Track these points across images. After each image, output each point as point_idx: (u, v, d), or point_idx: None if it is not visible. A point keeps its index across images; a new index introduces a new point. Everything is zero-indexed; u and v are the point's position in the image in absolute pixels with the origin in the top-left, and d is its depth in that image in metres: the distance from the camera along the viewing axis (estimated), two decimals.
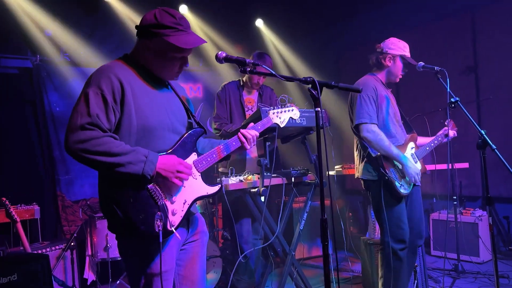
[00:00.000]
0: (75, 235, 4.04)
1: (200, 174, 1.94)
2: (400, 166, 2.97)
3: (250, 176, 3.20)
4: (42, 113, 5.09)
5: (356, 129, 3.01)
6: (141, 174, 1.66)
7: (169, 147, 1.85)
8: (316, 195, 3.53)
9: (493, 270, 2.47)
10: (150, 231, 1.70)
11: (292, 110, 2.43)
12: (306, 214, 3.54)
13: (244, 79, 3.87)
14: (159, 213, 1.72)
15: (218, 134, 3.72)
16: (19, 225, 3.37)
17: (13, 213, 3.41)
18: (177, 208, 1.82)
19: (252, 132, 2.10)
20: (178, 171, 1.76)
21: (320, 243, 1.75)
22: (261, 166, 3.08)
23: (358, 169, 3.16)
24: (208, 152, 1.98)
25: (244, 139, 2.06)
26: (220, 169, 3.86)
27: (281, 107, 2.41)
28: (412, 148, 3.12)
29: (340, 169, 4.41)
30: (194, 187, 1.91)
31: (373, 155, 2.97)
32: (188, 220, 1.99)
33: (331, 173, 4.34)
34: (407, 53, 3.06)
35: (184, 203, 1.85)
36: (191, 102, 2.15)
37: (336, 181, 4.41)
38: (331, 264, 3.30)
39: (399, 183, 2.95)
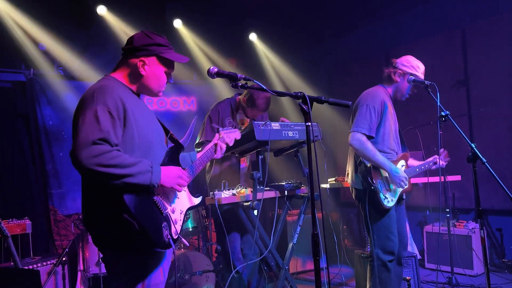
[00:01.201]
0: (67, 249, 4.00)
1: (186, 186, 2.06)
2: (386, 175, 3.00)
3: (243, 190, 3.20)
4: (35, 127, 5.08)
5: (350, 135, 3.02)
6: (149, 184, 1.73)
7: (162, 160, 1.96)
8: (309, 208, 3.52)
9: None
10: (161, 241, 1.77)
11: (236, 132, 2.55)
12: (299, 227, 3.53)
13: (241, 100, 3.59)
14: (164, 223, 1.82)
15: None
16: (10, 240, 3.33)
17: (4, 228, 3.37)
18: (177, 217, 1.96)
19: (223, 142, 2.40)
20: (179, 178, 1.90)
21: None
22: (254, 180, 3.08)
23: (351, 177, 3.18)
24: (190, 167, 2.16)
25: (219, 148, 2.35)
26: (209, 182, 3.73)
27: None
28: (402, 166, 3.15)
29: (334, 181, 4.43)
30: (185, 198, 2.10)
31: (367, 164, 3.00)
32: None
33: (324, 186, 4.35)
34: (418, 73, 3.04)
35: (180, 213, 2.01)
36: None
37: (329, 194, 4.41)
38: (324, 279, 3.29)
39: (383, 196, 2.97)
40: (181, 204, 2.04)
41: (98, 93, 1.76)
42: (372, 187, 2.93)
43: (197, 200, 2.17)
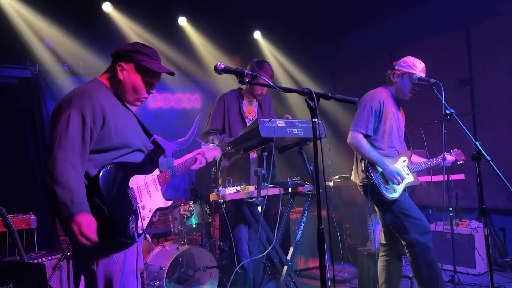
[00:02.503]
0: (71, 245, 4.02)
1: (161, 187, 2.19)
2: (382, 170, 3.08)
3: (248, 186, 3.22)
4: (40, 123, 5.11)
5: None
6: (63, 204, 1.72)
7: (140, 162, 2.07)
8: (313, 205, 3.54)
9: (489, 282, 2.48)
10: (125, 232, 1.85)
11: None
12: (303, 224, 3.54)
13: (244, 88, 3.80)
14: (133, 216, 1.90)
15: None
16: (16, 235, 3.36)
17: (11, 222, 3.40)
18: (146, 214, 2.03)
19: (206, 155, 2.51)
20: (85, 228, 1.75)
21: (317, 254, 1.76)
22: (258, 176, 3.10)
23: (355, 175, 3.29)
24: (169, 170, 2.25)
25: (202, 158, 2.47)
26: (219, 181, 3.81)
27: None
28: (404, 161, 3.22)
29: (338, 179, 4.43)
30: (157, 198, 2.15)
31: (365, 160, 3.12)
32: None
33: (328, 183, 4.36)
34: (416, 71, 3.10)
35: (150, 211, 2.08)
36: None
37: (333, 192, 4.42)
38: (328, 275, 3.30)
39: (385, 187, 3.06)
40: (152, 203, 2.10)
41: (76, 97, 1.86)
42: (372, 181, 3.05)
43: (167, 203, 2.22)
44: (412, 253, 3.05)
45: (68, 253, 3.92)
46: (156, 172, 2.17)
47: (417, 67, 3.12)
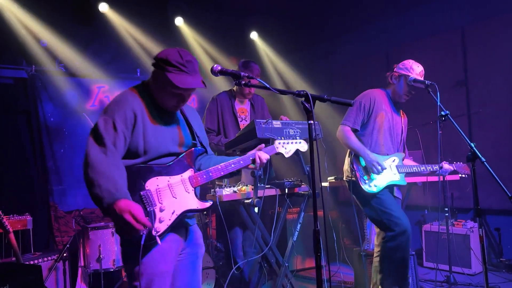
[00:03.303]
0: (67, 246, 4.02)
1: (194, 188, 2.08)
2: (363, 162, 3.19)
3: (244, 187, 3.22)
4: (36, 123, 5.08)
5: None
6: (101, 198, 1.79)
7: (166, 163, 2.04)
8: (309, 206, 3.55)
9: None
10: (132, 236, 1.82)
11: (300, 143, 2.56)
12: (299, 225, 3.55)
13: (235, 88, 3.87)
14: (147, 217, 1.85)
15: None
16: (12, 235, 3.35)
17: (6, 223, 3.39)
18: (165, 216, 1.94)
19: (264, 156, 2.29)
20: (127, 213, 1.76)
21: (314, 255, 1.77)
22: (255, 177, 3.10)
23: (344, 171, 3.41)
24: (207, 170, 2.13)
25: (259, 161, 2.26)
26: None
27: (289, 139, 2.55)
28: (393, 161, 3.30)
29: (334, 180, 4.44)
30: (185, 200, 2.04)
31: (352, 154, 3.25)
32: (186, 230, 2.13)
33: (324, 184, 4.37)
34: (412, 74, 3.16)
35: (172, 213, 1.97)
36: (201, 129, 2.32)
37: (329, 193, 4.43)
38: (324, 275, 3.31)
39: (363, 181, 3.17)
40: (177, 205, 2.00)
41: (111, 104, 1.98)
42: (353, 173, 3.19)
43: (202, 205, 2.09)
44: (382, 247, 3.19)
45: (64, 254, 3.92)
46: (188, 173, 2.09)
47: (414, 70, 3.18)
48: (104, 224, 4.20)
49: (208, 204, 2.11)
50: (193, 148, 2.14)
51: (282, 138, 2.56)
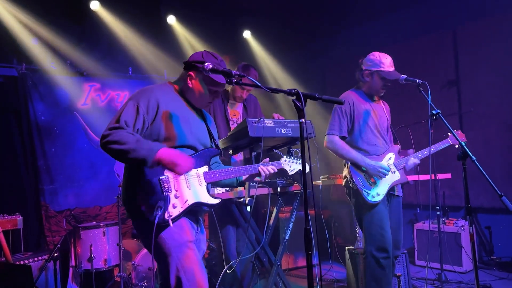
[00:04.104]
0: (58, 245, 3.98)
1: (207, 184, 2.25)
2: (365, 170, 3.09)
3: None
4: (27, 122, 5.03)
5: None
6: (142, 159, 1.95)
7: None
8: (302, 205, 3.55)
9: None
10: (148, 215, 2.02)
11: (305, 164, 2.58)
12: (291, 224, 3.55)
13: (229, 89, 3.82)
14: (161, 201, 2.03)
15: None
16: (1, 235, 3.31)
17: None
18: (178, 203, 2.11)
19: (270, 168, 2.49)
20: (178, 158, 1.99)
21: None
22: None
23: (343, 178, 3.28)
24: (220, 169, 2.33)
25: (263, 173, 2.46)
26: None
27: (295, 158, 2.71)
28: (389, 159, 3.20)
29: (326, 179, 4.45)
30: (198, 193, 2.21)
31: (348, 163, 3.14)
32: (197, 219, 2.31)
33: (316, 183, 4.37)
34: (384, 68, 3.08)
35: (185, 202, 2.14)
36: (214, 136, 2.50)
37: (322, 191, 4.44)
38: (316, 275, 3.31)
39: (366, 192, 3.05)
40: (190, 195, 2.16)
41: (138, 92, 2.20)
42: (353, 185, 3.06)
43: (212, 200, 2.24)
44: (364, 262, 3.15)
45: (55, 254, 3.89)
46: (204, 168, 2.26)
47: (384, 63, 3.09)
48: (95, 223, 4.18)
49: (217, 201, 2.26)
50: (211, 148, 2.34)
51: (288, 157, 2.71)
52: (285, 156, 2.71)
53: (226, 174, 2.33)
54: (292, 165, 2.70)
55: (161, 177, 2.08)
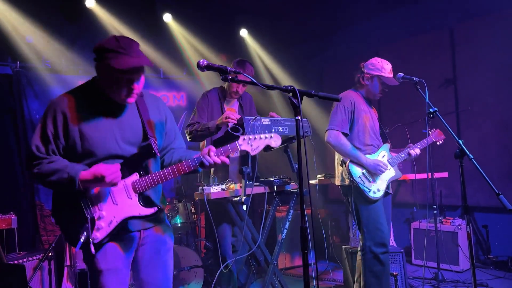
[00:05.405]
0: (53, 245, 3.95)
1: (137, 194, 1.98)
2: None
3: (233, 185, 3.19)
4: (21, 121, 5.00)
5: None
6: (67, 177, 1.83)
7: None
8: (299, 204, 3.54)
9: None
10: (73, 240, 1.93)
11: (271, 137, 2.17)
12: (288, 223, 3.54)
13: (225, 87, 3.77)
14: (86, 225, 1.90)
15: (190, 139, 3.48)
16: None
17: None
18: (103, 224, 1.92)
19: (211, 159, 2.00)
20: (101, 175, 1.83)
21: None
22: (243, 175, 3.08)
23: (337, 176, 3.34)
24: (153, 174, 1.99)
25: (206, 162, 2.00)
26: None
27: (258, 133, 2.18)
28: (383, 156, 3.28)
29: (323, 178, 4.43)
30: (127, 206, 1.96)
31: (346, 161, 3.17)
32: (133, 237, 2.05)
33: (313, 182, 4.36)
34: (385, 73, 3.19)
35: (111, 221, 1.94)
36: (165, 122, 2.22)
37: (318, 190, 4.43)
38: (312, 273, 3.30)
39: (367, 188, 3.10)
40: (117, 212, 1.94)
41: (48, 106, 1.99)
42: (354, 183, 3.10)
43: (145, 211, 1.98)
44: (362, 258, 3.16)
45: (50, 254, 3.86)
46: (132, 177, 1.98)
47: (385, 69, 3.21)
48: None
49: (151, 210, 1.99)
50: (140, 151, 2.02)
51: (248, 134, 2.33)
52: (242, 135, 2.20)
53: (161, 177, 1.98)
54: (254, 143, 2.12)
55: (81, 200, 1.91)
